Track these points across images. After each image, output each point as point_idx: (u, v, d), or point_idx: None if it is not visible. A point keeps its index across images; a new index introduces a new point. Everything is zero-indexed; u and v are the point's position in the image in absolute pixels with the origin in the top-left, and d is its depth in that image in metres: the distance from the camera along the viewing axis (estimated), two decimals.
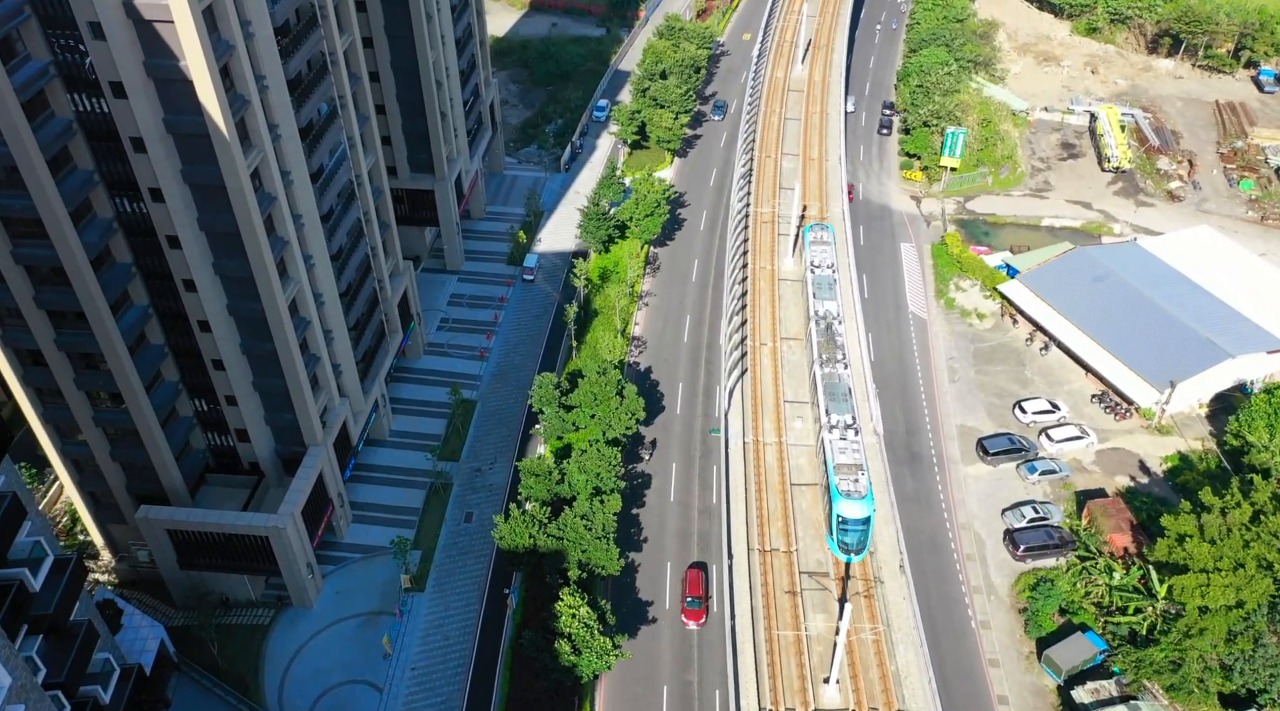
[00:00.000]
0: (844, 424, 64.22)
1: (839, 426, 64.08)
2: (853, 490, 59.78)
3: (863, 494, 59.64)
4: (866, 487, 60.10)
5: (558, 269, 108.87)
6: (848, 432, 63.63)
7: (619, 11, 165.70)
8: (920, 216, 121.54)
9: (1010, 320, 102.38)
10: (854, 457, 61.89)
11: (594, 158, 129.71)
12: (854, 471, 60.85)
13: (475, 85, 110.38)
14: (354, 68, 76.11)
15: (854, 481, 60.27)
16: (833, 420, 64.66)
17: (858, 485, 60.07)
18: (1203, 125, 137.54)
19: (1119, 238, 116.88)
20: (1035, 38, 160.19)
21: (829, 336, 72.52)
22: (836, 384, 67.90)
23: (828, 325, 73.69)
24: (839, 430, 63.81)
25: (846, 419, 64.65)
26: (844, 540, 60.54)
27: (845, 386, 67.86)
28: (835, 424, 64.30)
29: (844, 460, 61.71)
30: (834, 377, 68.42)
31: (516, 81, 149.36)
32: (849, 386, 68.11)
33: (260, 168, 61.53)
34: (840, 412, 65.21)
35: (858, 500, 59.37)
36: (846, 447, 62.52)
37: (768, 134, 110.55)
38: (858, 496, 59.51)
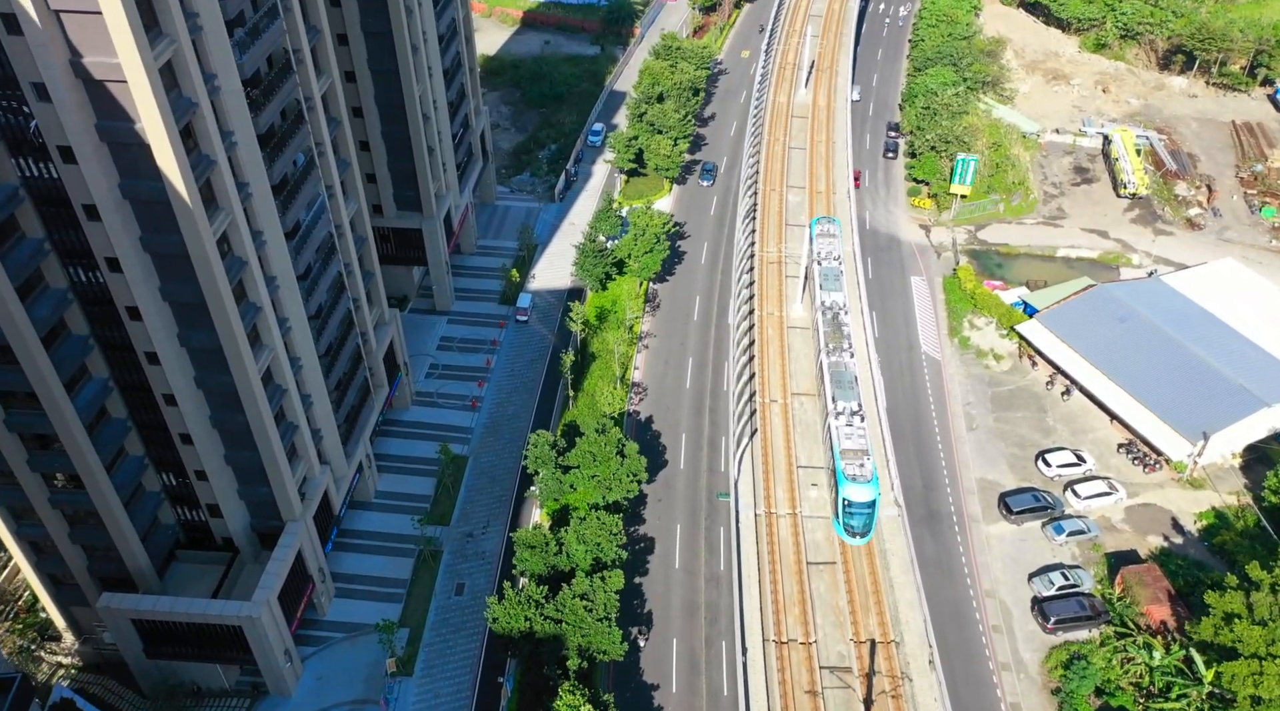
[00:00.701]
0: (850, 410, 66.24)
1: (845, 413, 66.04)
2: (858, 474, 61.72)
3: (868, 478, 61.61)
4: (872, 472, 62.00)
5: (553, 308, 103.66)
6: (853, 419, 65.65)
7: (614, 29, 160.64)
8: (930, 247, 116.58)
9: (1029, 362, 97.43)
10: (859, 443, 63.87)
11: (589, 185, 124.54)
12: (859, 456, 62.90)
13: (465, 116, 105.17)
14: (333, 111, 70.89)
15: (859, 466, 62.22)
16: (839, 407, 66.56)
17: (863, 469, 61.99)
18: (1220, 147, 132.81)
19: (1138, 269, 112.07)
20: (1043, 54, 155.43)
21: (835, 326, 74.18)
22: (843, 372, 69.85)
23: (834, 315, 75.19)
24: (845, 416, 65.77)
25: (852, 405, 66.63)
26: (850, 523, 62.79)
27: (851, 374, 69.76)
28: (841, 410, 66.26)
29: (849, 445, 63.68)
30: (840, 366, 70.43)
31: (508, 103, 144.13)
32: (855, 374, 69.89)
33: (229, 231, 56.30)
34: (846, 399, 67.17)
35: (863, 484, 61.33)
36: (852, 433, 64.56)
37: (771, 165, 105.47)
38: (863, 480, 61.47)
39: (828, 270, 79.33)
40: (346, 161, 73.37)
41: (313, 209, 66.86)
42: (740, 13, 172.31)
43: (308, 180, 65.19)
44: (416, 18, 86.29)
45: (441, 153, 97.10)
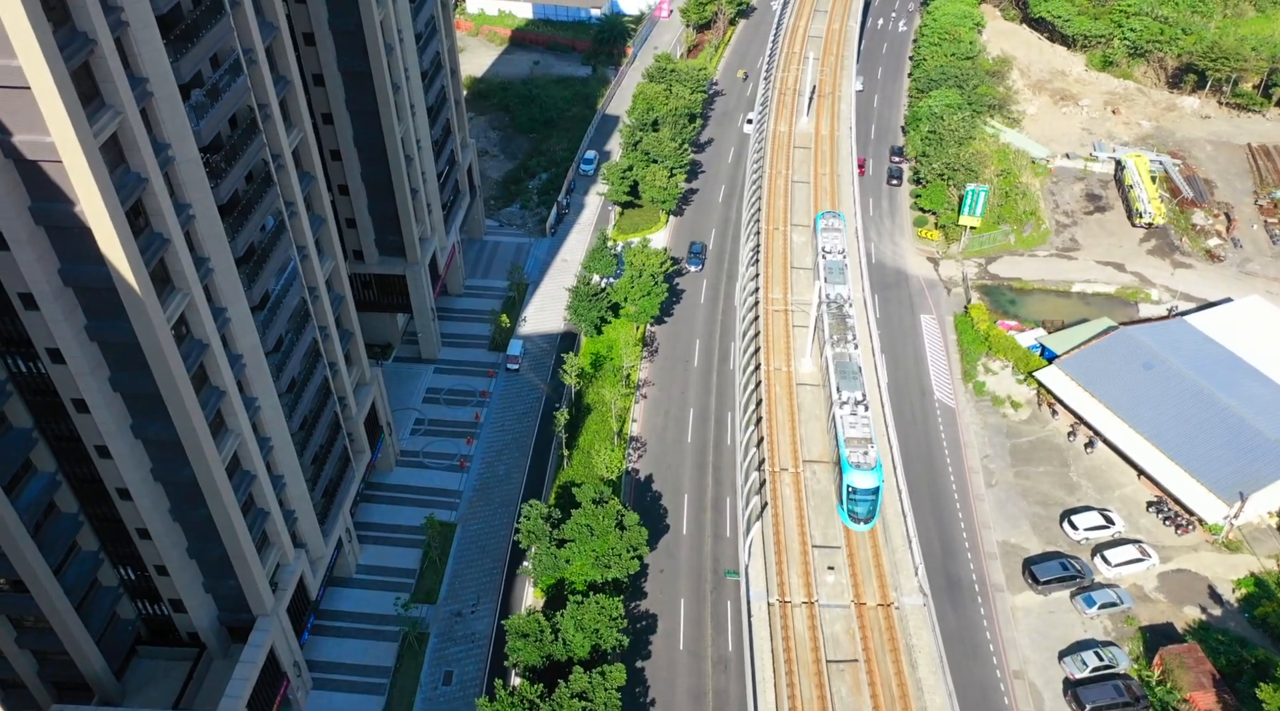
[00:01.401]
0: (854, 400, 68.07)
1: (849, 402, 67.84)
2: (862, 462, 63.28)
3: (871, 465, 63.21)
4: (875, 460, 63.53)
5: (545, 354, 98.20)
6: (858, 408, 67.42)
7: (605, 48, 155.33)
8: (939, 282, 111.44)
9: (1049, 410, 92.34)
10: (863, 431, 65.53)
11: (582, 217, 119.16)
12: (863, 444, 64.47)
13: (451, 152, 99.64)
14: (306, 165, 65.36)
15: (863, 454, 63.80)
16: (843, 396, 68.22)
17: (867, 457, 63.55)
18: (1236, 172, 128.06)
19: (1157, 305, 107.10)
20: (1049, 74, 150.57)
21: (840, 318, 76.40)
22: (847, 363, 71.81)
23: (839, 307, 77.53)
24: (849, 406, 67.59)
25: (856, 395, 68.42)
26: (854, 510, 64.24)
27: (855, 365, 71.64)
28: (846, 400, 67.97)
29: (854, 434, 65.32)
30: (844, 357, 72.43)
31: (497, 128, 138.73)
32: (858, 365, 71.77)
33: (187, 312, 50.77)
34: (851, 389, 68.87)
35: (867, 471, 62.92)
36: (856, 422, 66.25)
37: (774, 201, 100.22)
38: (867, 468, 63.06)
39: (832, 263, 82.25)
40: (321, 218, 67.81)
41: (284, 275, 61.32)
42: (735, 29, 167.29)
43: (278, 245, 59.66)
44: (397, 55, 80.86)
45: (426, 194, 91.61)
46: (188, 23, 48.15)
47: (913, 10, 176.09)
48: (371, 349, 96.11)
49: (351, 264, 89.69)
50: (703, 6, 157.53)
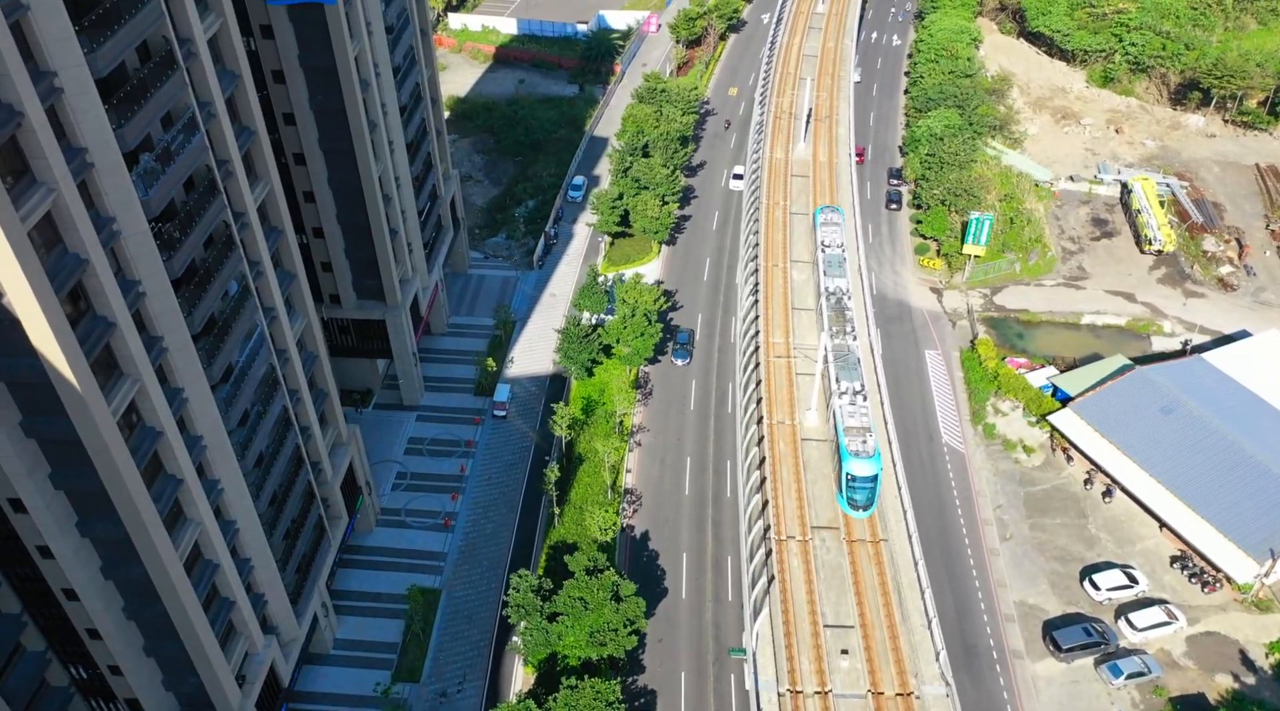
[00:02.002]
0: (853, 390, 69.20)
1: (848, 392, 68.95)
2: (861, 450, 64.57)
3: (870, 453, 64.53)
4: (874, 448, 64.91)
5: (534, 398, 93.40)
6: (856, 398, 68.58)
7: (593, 66, 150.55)
8: (944, 314, 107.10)
9: (1064, 456, 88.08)
10: (862, 420, 66.82)
11: (571, 248, 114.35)
12: (862, 433, 65.77)
13: (432, 187, 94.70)
14: (274, 219, 60.39)
15: (862, 442, 65.04)
16: (842, 387, 69.52)
17: (866, 445, 64.83)
18: (1245, 195, 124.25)
19: (1170, 337, 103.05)
20: (1050, 91, 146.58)
21: (839, 310, 78.26)
22: (846, 354, 73.36)
23: (838, 300, 79.41)
24: (848, 396, 68.69)
25: (855, 385, 69.68)
26: (853, 497, 65.67)
27: (854, 356, 73.24)
28: (845, 390, 69.20)
29: (853, 423, 66.59)
30: (843, 348, 74.02)
31: (481, 151, 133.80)
32: (858, 356, 73.46)
33: (138, 399, 45.77)
34: (850, 379, 70.17)
35: (866, 459, 64.25)
36: (855, 411, 67.50)
37: (772, 235, 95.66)
38: (866, 455, 64.36)
39: (831, 257, 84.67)
40: (291, 274, 62.84)
41: (250, 343, 56.37)
42: (725, 45, 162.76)
43: (242, 312, 54.72)
44: (374, 91, 75.93)
45: (406, 233, 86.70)
46: (134, 83, 43.21)
47: (905, 23, 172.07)
48: (350, 395, 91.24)
49: (327, 308, 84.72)
50: (692, 22, 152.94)
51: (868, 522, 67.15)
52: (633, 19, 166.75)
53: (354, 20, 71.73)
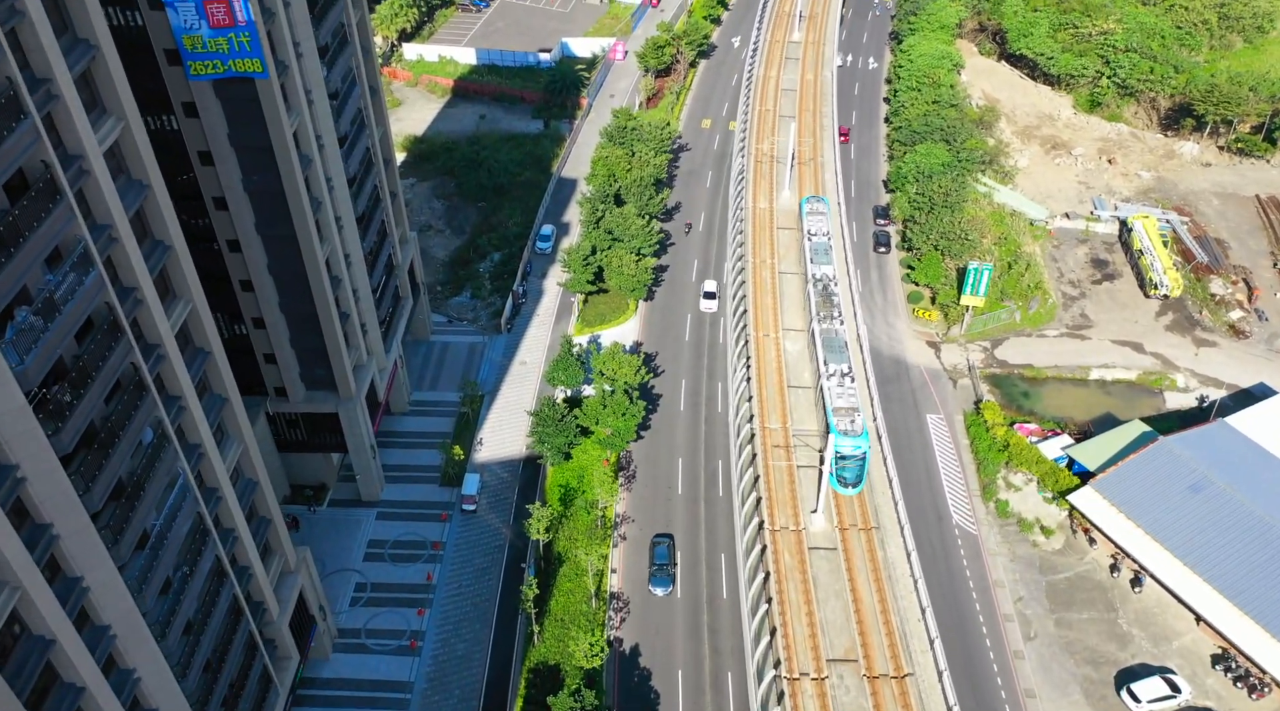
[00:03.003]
0: (840, 372, 71.52)
1: (836, 375, 71.25)
2: (850, 429, 66.11)
3: (858, 433, 66.05)
4: (862, 428, 66.49)
5: (506, 486, 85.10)
6: (844, 380, 70.77)
7: (557, 99, 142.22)
8: (943, 371, 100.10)
9: (1085, 537, 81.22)
10: (850, 401, 68.67)
11: (541, 307, 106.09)
12: (850, 413, 67.48)
13: (388, 258, 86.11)
14: (199, 340, 51.71)
15: (851, 422, 66.61)
16: (830, 369, 71.82)
17: (854, 425, 66.41)
18: (1249, 230, 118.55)
19: (1184, 393, 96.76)
20: (1037, 118, 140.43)
21: (826, 296, 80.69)
22: (834, 338, 75.94)
23: (824, 286, 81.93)
24: (836, 378, 70.93)
25: (843, 368, 72.01)
26: (842, 475, 67.27)
27: (841, 340, 75.82)
28: (833, 372, 71.51)
29: (841, 404, 68.25)
30: (831, 332, 76.66)
31: (441, 196, 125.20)
32: (844, 340, 76.00)
33: (20, 608, 37.12)
34: (837, 362, 72.68)
35: (854, 438, 65.70)
36: (843, 393, 69.34)
37: (761, 299, 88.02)
38: (854, 434, 65.83)
39: (817, 245, 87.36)
40: (222, 397, 54.17)
41: (171, 496, 47.72)
42: (695, 72, 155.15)
43: (158, 465, 46.07)
44: (317, 166, 67.35)
45: (359, 315, 78.10)
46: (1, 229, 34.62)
47: (882, 44, 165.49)
48: (301, 491, 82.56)
49: (272, 401, 75.95)
50: (660, 50, 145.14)
51: (889, 650, 59.60)
52: (598, 46, 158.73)
53: (291, 92, 63.18)
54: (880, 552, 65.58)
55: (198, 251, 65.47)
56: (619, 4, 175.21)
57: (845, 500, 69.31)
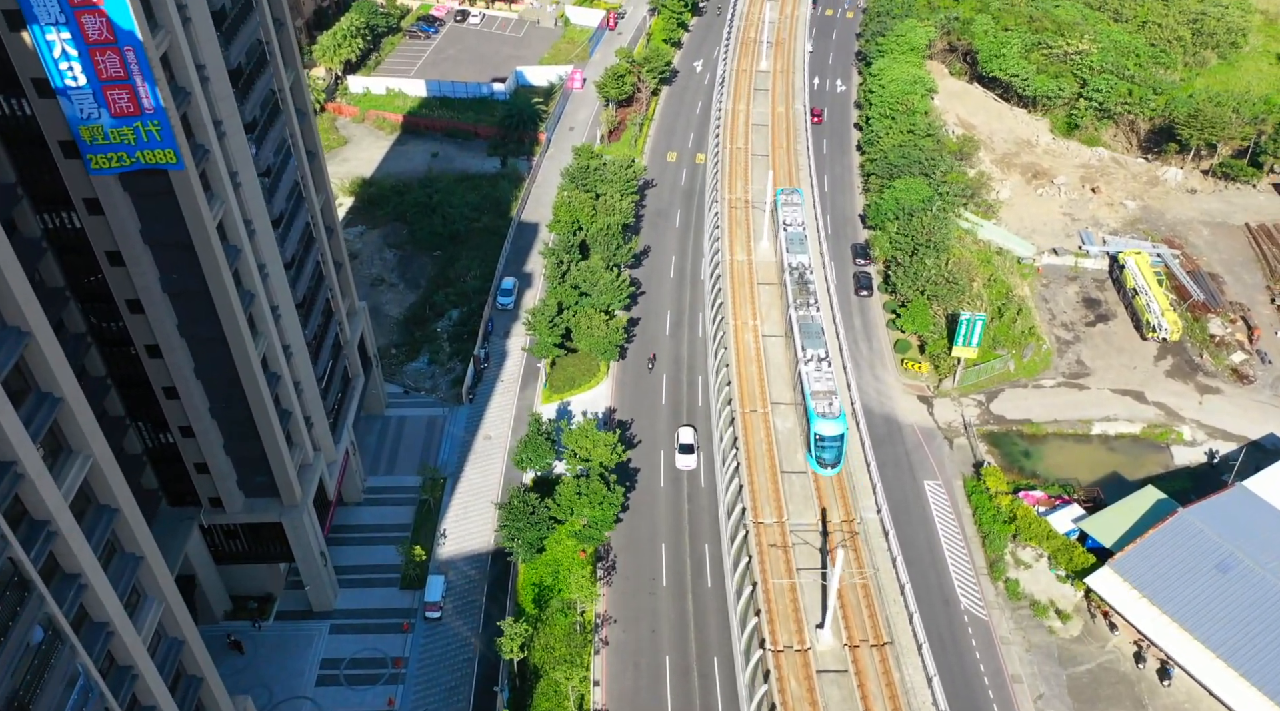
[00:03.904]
0: (818, 357, 74.55)
1: (814, 359, 74.15)
2: (827, 411, 69.34)
3: (836, 414, 69.28)
4: (840, 409, 69.76)
5: (473, 586, 77.37)
6: (822, 364, 73.90)
7: (514, 134, 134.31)
8: (937, 429, 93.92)
9: (1105, 621, 75.24)
10: (828, 384, 71.88)
11: (506, 370, 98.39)
12: (828, 396, 70.60)
13: (335, 338, 78.00)
14: (104, 498, 43.52)
15: (829, 404, 69.84)
16: (808, 354, 74.62)
17: (832, 407, 69.64)
18: (1241, 261, 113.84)
19: (1192, 447, 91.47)
20: (1015, 145, 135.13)
21: (802, 284, 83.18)
22: (810, 324, 78.71)
23: (800, 275, 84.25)
24: (814, 362, 73.93)
25: (820, 352, 75.03)
26: (821, 456, 70.41)
27: (818, 326, 78.60)
28: (810, 357, 74.36)
29: (819, 387, 71.51)
30: (808, 319, 79.28)
31: (393, 245, 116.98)
32: (821, 326, 78.71)
33: None
34: (815, 347, 75.55)
35: (832, 419, 68.92)
36: (821, 376, 72.59)
37: (745, 369, 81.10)
38: (832, 416, 69.04)
39: (793, 235, 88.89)
40: (137, 556, 46.00)
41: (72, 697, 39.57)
42: (658, 100, 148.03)
43: (52, 668, 37.96)
44: (248, 256, 59.34)
45: (304, 407, 70.02)
46: None
47: (849, 65, 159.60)
48: (244, 604, 74.23)
49: (207, 513, 67.61)
50: (621, 80, 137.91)
51: None
52: (554, 75, 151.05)
53: (214, 178, 55.15)
54: (896, 673, 58.79)
55: (110, 356, 57.72)
56: (575, 27, 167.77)
57: (852, 608, 62.55)
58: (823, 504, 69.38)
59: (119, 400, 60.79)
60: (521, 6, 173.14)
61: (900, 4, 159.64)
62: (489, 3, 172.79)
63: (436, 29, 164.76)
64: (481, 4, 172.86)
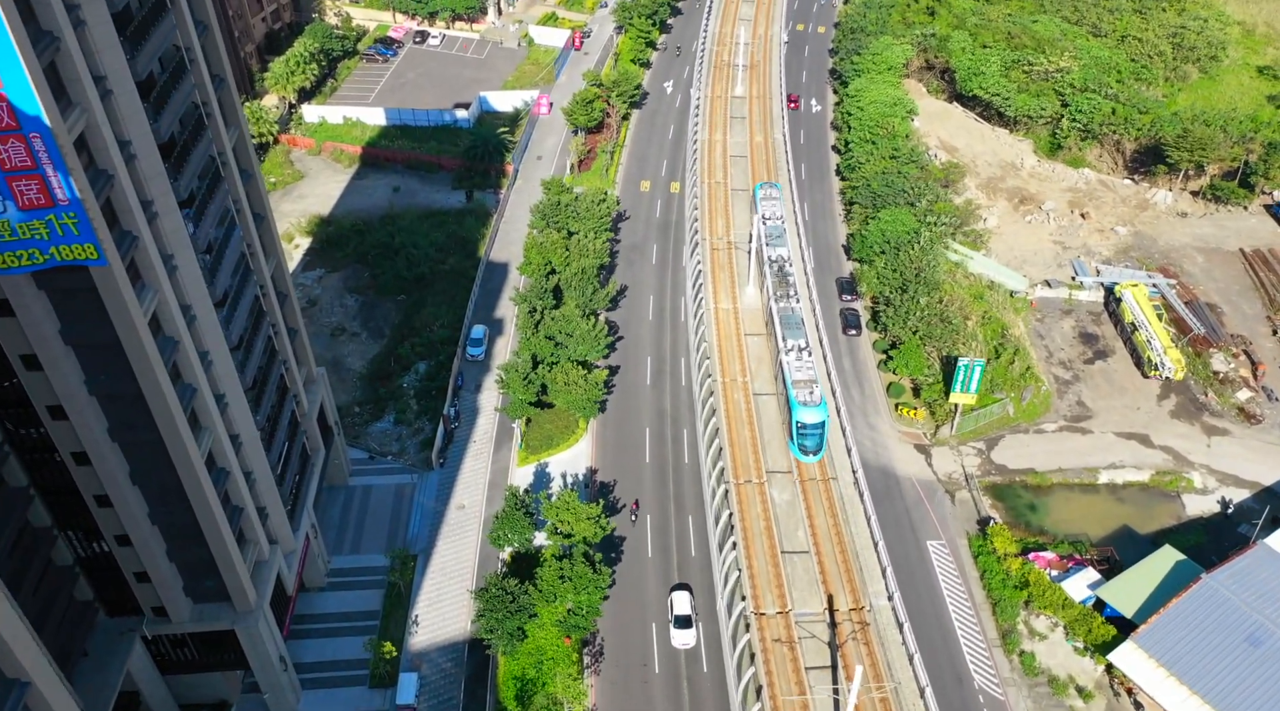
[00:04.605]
0: (799, 347, 76.30)
1: (794, 350, 75.88)
2: (809, 400, 71.59)
3: (817, 403, 71.59)
4: (820, 398, 71.89)
5: (449, 681, 71.15)
6: (802, 354, 75.66)
7: (479, 166, 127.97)
8: (937, 482, 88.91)
9: (1130, 699, 70.45)
10: (808, 374, 73.99)
11: (478, 429, 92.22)
12: (809, 385, 72.84)
13: (291, 416, 71.41)
14: (11, 670, 36.96)
15: (810, 393, 72.06)
16: (789, 345, 76.15)
17: (813, 396, 71.87)
18: (1239, 290, 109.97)
19: (1203, 495, 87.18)
20: (1000, 168, 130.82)
21: (782, 276, 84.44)
22: (791, 315, 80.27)
23: (780, 267, 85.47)
24: (795, 352, 75.65)
25: (800, 342, 76.73)
26: (803, 443, 72.41)
27: (798, 317, 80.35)
28: (791, 347, 75.94)
29: (800, 376, 73.56)
30: (788, 310, 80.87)
31: (354, 290, 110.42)
32: (801, 317, 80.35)
33: None
34: (795, 338, 77.23)
35: (813, 408, 71.32)
36: (802, 366, 74.52)
37: (738, 432, 75.64)
38: (813, 405, 71.40)
39: (773, 228, 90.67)
40: None
41: None
42: (629, 125, 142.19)
43: None
44: (187, 344, 52.80)
45: (257, 499, 63.48)
46: None
47: (823, 82, 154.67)
48: None
49: (150, 623, 60.93)
50: (589, 106, 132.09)
51: None
52: (519, 100, 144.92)
53: (144, 266, 48.69)
54: None
55: (32, 464, 51.14)
56: (539, 48, 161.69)
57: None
58: (829, 589, 63.96)
59: (45, 510, 54.08)
60: (483, 26, 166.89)
61: (874, 20, 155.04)
62: (449, 23, 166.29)
63: (395, 51, 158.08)
64: (441, 24, 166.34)
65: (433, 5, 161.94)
